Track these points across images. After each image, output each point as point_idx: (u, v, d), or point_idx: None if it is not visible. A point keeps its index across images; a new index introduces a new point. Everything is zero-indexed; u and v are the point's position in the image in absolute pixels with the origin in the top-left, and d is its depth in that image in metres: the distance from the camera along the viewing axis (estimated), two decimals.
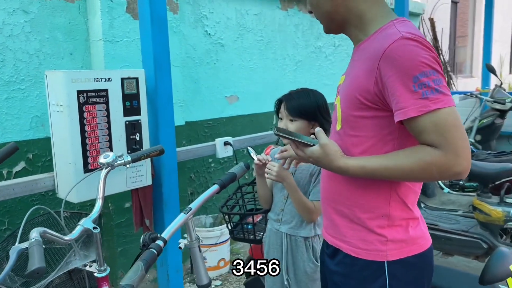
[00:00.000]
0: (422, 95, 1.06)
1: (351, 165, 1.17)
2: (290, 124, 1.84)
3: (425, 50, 1.09)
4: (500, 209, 2.91)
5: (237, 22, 3.78)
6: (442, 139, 1.07)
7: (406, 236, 1.26)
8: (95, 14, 2.78)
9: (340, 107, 1.26)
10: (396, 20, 1.21)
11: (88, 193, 1.73)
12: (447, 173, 1.09)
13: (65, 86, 1.65)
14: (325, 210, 1.40)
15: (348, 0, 1.24)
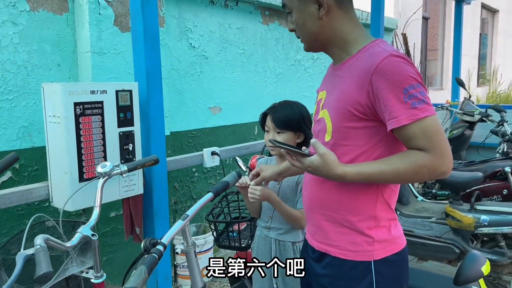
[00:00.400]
0: (411, 105, 1.20)
1: (349, 172, 1.26)
2: (278, 136, 1.90)
3: (411, 66, 1.24)
4: (471, 216, 3.07)
5: (220, 35, 3.89)
6: (429, 144, 1.20)
7: (389, 236, 1.38)
8: (83, 27, 2.83)
9: (329, 120, 1.35)
10: (377, 40, 1.35)
11: (83, 202, 1.78)
12: (436, 173, 1.22)
13: (62, 98, 1.71)
14: (311, 218, 1.49)
15: (333, 21, 1.36)
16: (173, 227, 1.45)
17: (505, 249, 3.03)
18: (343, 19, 1.36)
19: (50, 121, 1.78)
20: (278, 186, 2.02)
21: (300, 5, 1.36)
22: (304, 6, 1.35)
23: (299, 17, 1.37)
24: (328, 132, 1.36)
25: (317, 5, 1.33)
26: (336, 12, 1.35)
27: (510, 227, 2.92)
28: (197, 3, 3.66)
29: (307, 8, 1.35)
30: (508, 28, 13.43)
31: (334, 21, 1.35)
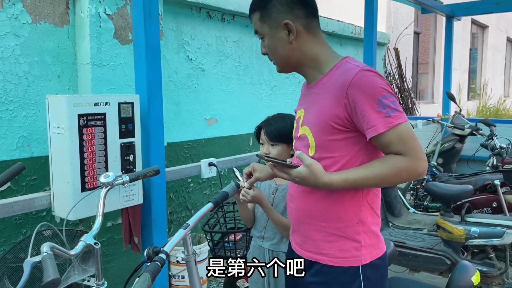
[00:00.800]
0: (385, 114, 1.31)
1: (335, 180, 1.35)
2: (272, 148, 1.97)
3: (381, 78, 1.36)
4: (461, 228, 3.14)
5: (217, 48, 3.96)
6: (405, 148, 1.31)
7: (374, 241, 1.48)
8: (84, 39, 2.89)
9: (311, 135, 1.45)
10: (347, 58, 1.47)
11: (84, 211, 1.82)
12: (414, 174, 1.33)
13: (67, 109, 1.75)
14: (299, 229, 1.56)
15: (303, 45, 1.47)
16: (175, 236, 1.50)
17: (494, 261, 3.10)
18: (311, 42, 1.47)
19: (54, 132, 1.82)
20: (272, 196, 2.07)
21: (271, 32, 1.46)
22: (275, 32, 1.46)
23: (271, 42, 1.48)
24: (311, 147, 1.45)
25: (286, 31, 1.44)
26: (305, 36, 1.46)
27: (499, 239, 3.00)
28: (194, 16, 3.74)
29: (277, 34, 1.45)
30: (497, 43, 13.70)
31: (303, 45, 1.46)
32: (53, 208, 1.90)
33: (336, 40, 5.64)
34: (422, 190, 4.84)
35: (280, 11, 1.44)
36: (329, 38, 5.49)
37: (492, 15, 12.03)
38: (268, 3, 1.45)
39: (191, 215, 3.87)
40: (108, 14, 2.96)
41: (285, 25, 1.43)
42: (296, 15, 1.44)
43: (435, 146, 5.20)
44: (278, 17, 1.44)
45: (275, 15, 1.44)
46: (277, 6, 1.44)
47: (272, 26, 1.46)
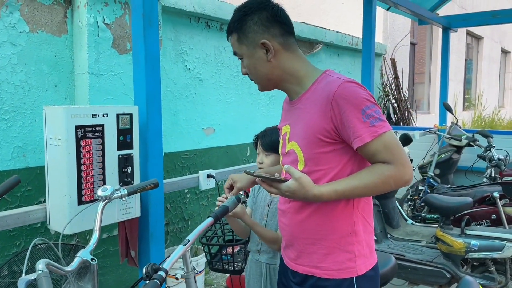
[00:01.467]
0: (370, 124, 1.32)
1: (325, 191, 1.36)
2: (265, 158, 2.01)
3: (363, 89, 1.38)
4: (461, 240, 3.11)
5: (215, 58, 3.94)
6: (391, 156, 1.33)
7: (367, 251, 1.49)
8: (82, 48, 2.86)
9: (300, 150, 1.45)
10: (327, 71, 1.49)
11: (81, 225, 1.78)
12: (401, 181, 1.35)
13: (64, 121, 1.72)
14: (293, 244, 1.55)
15: (282, 62, 1.48)
16: (174, 253, 1.46)
17: (495, 274, 3.07)
18: (290, 58, 1.49)
19: (51, 143, 1.79)
20: (267, 209, 2.04)
21: (249, 52, 1.48)
22: (253, 52, 1.47)
23: (250, 62, 1.49)
24: (300, 161, 1.45)
25: (264, 50, 1.45)
26: (283, 54, 1.47)
27: (499, 252, 2.97)
28: (193, 26, 3.73)
29: (256, 53, 1.46)
30: (492, 54, 13.81)
31: (282, 62, 1.47)
32: (48, 221, 1.86)
33: (333, 50, 5.65)
34: (419, 201, 4.82)
35: (256, 31, 1.45)
36: (326, 49, 5.50)
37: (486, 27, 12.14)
38: (244, 25, 1.46)
39: (188, 226, 3.82)
40: (106, 24, 2.94)
41: (262, 45, 1.45)
42: (272, 34, 1.45)
43: (432, 156, 5.19)
44: (255, 37, 1.45)
45: (251, 35, 1.45)
46: (252, 26, 1.45)
47: (249, 46, 1.47)
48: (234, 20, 1.50)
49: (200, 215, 3.92)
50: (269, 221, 2.02)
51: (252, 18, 1.45)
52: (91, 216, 1.76)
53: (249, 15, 1.46)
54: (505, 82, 16.28)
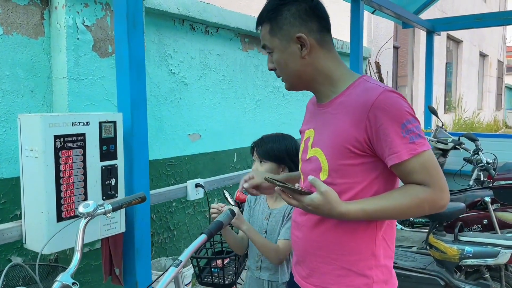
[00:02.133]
0: (409, 140, 1.20)
1: (352, 209, 1.23)
2: (260, 166, 1.94)
3: (405, 101, 1.25)
4: (455, 247, 3.05)
5: (200, 62, 3.82)
6: (429, 178, 1.20)
7: (387, 276, 1.36)
8: (60, 51, 2.70)
9: (324, 158, 1.32)
10: (364, 76, 1.36)
11: (60, 244, 1.63)
12: (436, 206, 1.22)
13: (42, 131, 1.57)
14: (305, 260, 1.43)
15: (317, 60, 1.35)
16: (166, 275, 1.33)
17: (489, 281, 3.01)
18: (325, 57, 1.36)
19: (27, 155, 1.63)
20: (266, 222, 1.95)
21: (282, 45, 1.34)
22: (286, 46, 1.34)
23: (281, 57, 1.36)
24: (323, 171, 1.33)
25: (299, 45, 1.33)
26: (318, 51, 1.35)
27: (494, 258, 2.92)
28: (177, 29, 3.59)
29: (289, 48, 1.34)
30: (471, 58, 14.03)
31: (317, 60, 1.35)
32: (24, 240, 1.70)
33: None
34: None
35: (293, 24, 1.32)
36: None
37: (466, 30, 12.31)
38: (279, 15, 1.33)
39: (173, 236, 3.67)
40: (86, 25, 2.78)
41: (297, 39, 1.31)
42: (309, 28, 1.32)
43: None
44: (290, 30, 1.32)
45: (287, 28, 1.32)
46: (289, 18, 1.32)
47: (283, 40, 1.33)
48: (268, 9, 1.36)
49: (186, 224, 3.78)
50: (268, 235, 1.91)
51: (290, 9, 1.32)
52: (71, 234, 1.61)
53: (286, 5, 1.33)
54: (483, 85, 16.57)
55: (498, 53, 18.27)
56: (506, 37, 19.65)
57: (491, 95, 17.58)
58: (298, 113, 5.20)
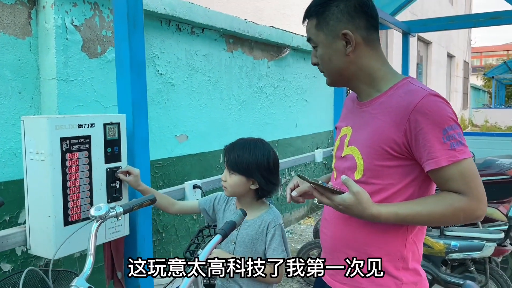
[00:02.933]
0: (450, 146, 1.19)
1: (384, 212, 1.22)
2: (229, 177, 1.76)
3: (449, 106, 1.24)
4: (441, 242, 3.15)
5: (187, 62, 3.79)
6: (467, 187, 1.19)
7: (417, 278, 1.36)
8: (49, 52, 2.63)
9: (360, 157, 1.32)
10: (409, 78, 1.35)
11: (66, 248, 1.59)
12: (471, 216, 1.21)
13: (48, 133, 1.53)
14: (333, 257, 1.42)
15: (361, 58, 1.35)
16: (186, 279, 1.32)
17: (475, 274, 3.13)
18: (370, 56, 1.35)
19: (32, 158, 1.59)
20: (236, 233, 1.78)
21: (327, 41, 1.34)
22: (331, 42, 1.34)
23: (325, 52, 1.36)
24: (358, 170, 1.33)
25: (344, 42, 1.32)
26: (363, 49, 1.34)
27: (479, 252, 3.03)
28: (164, 29, 3.56)
29: (334, 44, 1.34)
30: (439, 59, 14.46)
31: (361, 58, 1.34)
32: (28, 245, 1.65)
33: (300, 55, 5.63)
34: None
35: (340, 20, 1.31)
36: (294, 53, 5.48)
37: (434, 32, 12.69)
38: (327, 10, 1.33)
39: (162, 238, 3.63)
40: (75, 25, 2.72)
41: (343, 36, 1.31)
42: (356, 25, 1.32)
43: None
44: (337, 26, 1.32)
45: (333, 24, 1.32)
46: (336, 14, 1.32)
47: (329, 35, 1.33)
48: (316, 4, 1.35)
49: (174, 226, 3.75)
50: (238, 246, 1.77)
51: (338, 4, 1.32)
52: (78, 238, 1.59)
53: (335, 1, 1.32)
54: (451, 85, 17.11)
55: (464, 54, 18.92)
56: (471, 39, 20.38)
57: (458, 95, 18.18)
58: (281, 114, 5.24)
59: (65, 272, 1.79)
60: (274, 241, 1.74)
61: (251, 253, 1.76)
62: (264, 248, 1.76)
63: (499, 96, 24.18)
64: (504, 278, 3.13)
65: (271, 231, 1.75)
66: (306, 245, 3.88)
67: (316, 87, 6.06)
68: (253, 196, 1.81)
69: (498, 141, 6.07)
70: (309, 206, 6.27)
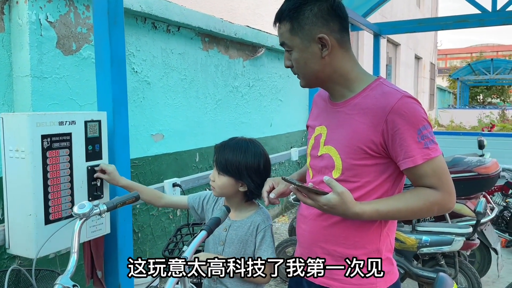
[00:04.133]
0: (424, 145, 1.26)
1: (367, 210, 1.28)
2: (218, 178, 1.73)
3: (421, 107, 1.31)
4: (413, 237, 3.26)
5: (162, 61, 3.77)
6: (439, 182, 1.28)
7: (389, 268, 1.44)
8: (22, 48, 2.57)
9: (338, 157, 1.37)
10: (381, 79, 1.40)
11: (48, 247, 1.57)
12: (444, 209, 1.30)
13: (29, 130, 1.50)
14: (310, 253, 1.47)
15: (335, 60, 1.38)
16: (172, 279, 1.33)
17: (445, 267, 3.24)
18: (344, 58, 1.39)
19: (11, 155, 1.55)
20: (225, 233, 1.77)
21: (303, 45, 1.36)
22: (307, 46, 1.35)
23: (300, 56, 1.37)
24: (337, 169, 1.38)
25: (320, 45, 1.35)
26: (338, 51, 1.37)
27: (449, 246, 3.15)
28: (139, 26, 3.53)
29: (310, 48, 1.35)
30: (408, 60, 14.84)
31: (335, 60, 1.37)
32: (8, 244, 1.61)
33: (274, 54, 5.68)
34: None
35: (315, 24, 1.33)
36: (268, 53, 5.52)
37: (403, 34, 13.02)
38: (301, 14, 1.33)
39: (138, 238, 3.60)
40: (50, 22, 2.67)
41: (319, 39, 1.33)
42: (331, 28, 1.34)
43: None
44: (312, 29, 1.33)
45: (308, 28, 1.33)
46: (311, 17, 1.33)
47: (304, 39, 1.34)
48: (289, 8, 1.34)
49: (150, 226, 3.72)
50: (227, 247, 1.74)
51: (312, 8, 1.32)
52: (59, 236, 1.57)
53: (309, 4, 1.33)
54: (418, 86, 17.59)
55: (430, 56, 19.49)
56: (437, 41, 21.00)
57: (425, 95, 18.71)
58: (256, 113, 5.28)
59: (46, 271, 1.76)
60: (264, 242, 1.72)
61: (240, 254, 1.74)
62: (254, 249, 1.74)
63: (463, 97, 25.04)
64: (473, 271, 3.26)
65: (261, 232, 1.73)
66: (282, 243, 3.92)
67: (290, 87, 6.13)
68: (242, 198, 1.78)
69: (465, 140, 6.31)
70: (283, 204, 6.33)
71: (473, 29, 10.23)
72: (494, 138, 6.34)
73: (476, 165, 3.76)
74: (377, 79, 1.39)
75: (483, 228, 3.52)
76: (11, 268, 1.24)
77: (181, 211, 4.05)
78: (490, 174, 3.70)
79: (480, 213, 3.10)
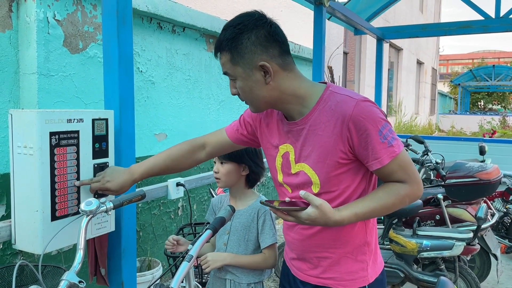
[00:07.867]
0: (387, 144, 1.30)
1: (346, 216, 1.30)
2: (221, 167, 1.95)
3: (377, 107, 1.34)
4: (414, 241, 3.27)
5: (167, 61, 3.79)
6: (407, 175, 1.33)
7: (376, 258, 1.51)
8: (29, 46, 2.59)
9: (314, 173, 1.38)
10: (330, 87, 1.40)
11: (53, 243, 1.58)
12: (415, 198, 1.36)
13: (38, 127, 1.52)
14: (304, 257, 1.52)
15: (281, 83, 1.36)
16: (180, 270, 1.35)
17: (445, 272, 3.26)
18: (289, 79, 1.37)
19: (19, 152, 1.57)
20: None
21: (245, 74, 1.33)
22: (249, 74, 1.33)
23: (245, 84, 1.35)
24: (315, 184, 1.40)
25: (262, 72, 1.33)
26: (281, 74, 1.36)
27: (449, 250, 3.16)
28: (145, 26, 3.55)
29: (253, 76, 1.33)
30: (409, 65, 14.87)
31: (281, 83, 1.36)
32: (14, 240, 1.63)
33: None
34: None
35: (254, 52, 1.30)
36: None
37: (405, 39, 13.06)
38: (239, 44, 1.30)
39: (139, 237, 3.61)
40: (57, 20, 2.69)
41: (260, 67, 1.31)
42: (271, 54, 1.32)
43: None
44: (253, 58, 1.31)
45: (248, 56, 1.31)
46: (250, 47, 1.30)
47: (246, 68, 1.32)
48: (227, 38, 1.32)
49: (152, 225, 3.73)
50: (232, 235, 1.95)
51: (249, 37, 1.30)
52: (65, 233, 1.59)
53: (246, 33, 1.30)
54: (419, 91, 17.62)
55: (432, 61, 19.52)
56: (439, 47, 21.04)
57: (426, 101, 18.74)
58: None
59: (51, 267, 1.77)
60: (265, 225, 1.92)
61: (244, 241, 1.92)
62: (257, 235, 1.93)
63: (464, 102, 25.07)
64: (472, 276, 3.27)
65: (262, 216, 1.93)
66: (282, 244, 3.93)
67: None
68: (244, 184, 2.00)
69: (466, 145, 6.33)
70: None
71: (475, 35, 10.27)
72: (496, 144, 6.35)
73: (478, 170, 3.77)
74: (326, 89, 1.39)
75: (483, 234, 3.53)
76: (19, 263, 1.25)
77: (183, 210, 4.06)
78: (492, 180, 3.71)
79: (481, 218, 3.11)
